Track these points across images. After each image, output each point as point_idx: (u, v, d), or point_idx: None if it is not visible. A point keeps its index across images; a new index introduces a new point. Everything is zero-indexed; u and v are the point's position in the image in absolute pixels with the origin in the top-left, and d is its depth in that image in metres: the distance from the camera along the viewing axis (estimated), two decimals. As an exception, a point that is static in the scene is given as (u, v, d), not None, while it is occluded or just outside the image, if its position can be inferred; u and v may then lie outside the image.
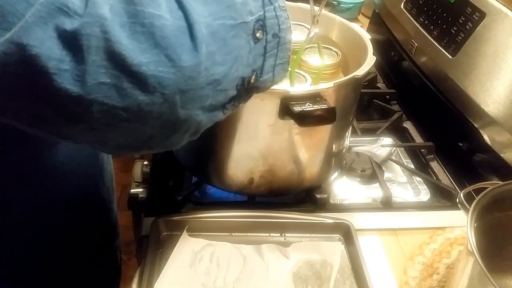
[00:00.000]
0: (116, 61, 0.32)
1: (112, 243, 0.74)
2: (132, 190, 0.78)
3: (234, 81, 0.40)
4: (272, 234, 0.69)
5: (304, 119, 0.59)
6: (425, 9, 0.97)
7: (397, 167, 0.88)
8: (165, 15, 0.33)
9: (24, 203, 0.57)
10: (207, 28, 0.35)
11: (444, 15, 0.91)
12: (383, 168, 0.88)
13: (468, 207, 0.55)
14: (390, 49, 1.13)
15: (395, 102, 1.05)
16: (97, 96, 0.33)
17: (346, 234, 0.68)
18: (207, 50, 0.35)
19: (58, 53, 0.31)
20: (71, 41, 0.31)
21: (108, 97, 0.33)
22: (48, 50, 0.31)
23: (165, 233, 0.68)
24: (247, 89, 0.42)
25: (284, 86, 0.65)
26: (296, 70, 0.70)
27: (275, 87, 0.65)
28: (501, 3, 0.78)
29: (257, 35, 0.40)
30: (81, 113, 0.34)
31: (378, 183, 0.81)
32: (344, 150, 0.78)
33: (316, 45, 0.74)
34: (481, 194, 0.56)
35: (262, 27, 0.40)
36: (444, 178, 0.84)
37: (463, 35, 0.84)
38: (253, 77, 0.42)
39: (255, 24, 0.40)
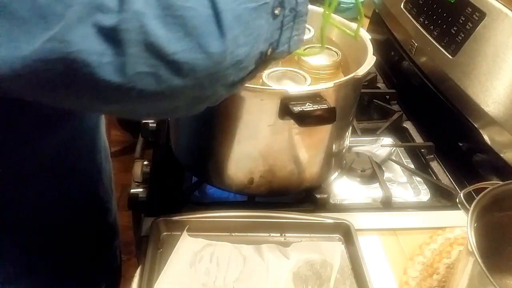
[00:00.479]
0: (154, 51, 0.35)
1: (111, 243, 0.74)
2: (132, 190, 0.78)
3: (254, 58, 0.43)
4: (272, 234, 0.69)
5: (304, 119, 0.59)
6: (425, 9, 0.97)
7: (397, 167, 0.88)
8: (194, 6, 0.36)
9: (24, 203, 0.57)
10: (232, 13, 0.38)
11: (444, 15, 0.91)
12: (383, 168, 0.88)
13: (468, 207, 0.55)
14: (390, 49, 1.13)
15: (395, 102, 1.05)
16: (136, 84, 0.36)
17: (346, 234, 0.68)
18: (232, 35, 0.38)
19: (98, 48, 0.34)
20: (111, 36, 0.34)
21: (146, 84, 0.37)
22: (89, 46, 0.34)
23: (165, 233, 0.68)
24: (264, 61, 0.45)
25: (284, 86, 0.66)
26: (296, 70, 0.70)
27: (275, 87, 0.65)
28: (501, 3, 0.78)
29: (275, 12, 0.43)
30: (119, 98, 0.38)
31: (378, 183, 0.81)
32: (344, 150, 0.78)
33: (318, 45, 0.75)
34: (481, 194, 0.56)
35: (280, 4, 0.43)
36: (444, 178, 0.84)
37: (463, 35, 0.84)
38: (270, 50, 0.44)
39: (274, 2, 0.42)
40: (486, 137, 0.79)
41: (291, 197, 0.77)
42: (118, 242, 0.77)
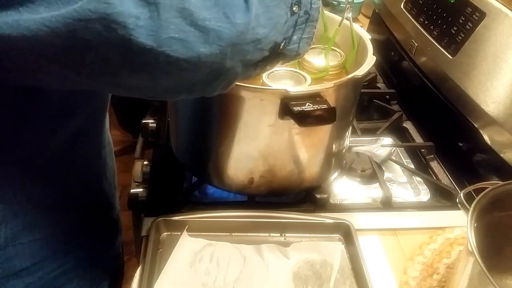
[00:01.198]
0: (186, 17, 0.38)
1: (114, 240, 0.74)
2: (132, 190, 0.78)
3: (270, 44, 0.46)
4: (272, 234, 0.69)
5: (304, 119, 0.59)
6: (425, 9, 0.97)
7: (397, 167, 0.88)
8: None
9: (30, 198, 0.57)
10: None
11: (444, 15, 0.91)
12: (383, 168, 0.88)
13: (468, 207, 0.55)
14: (390, 49, 1.13)
15: (395, 102, 1.05)
16: (166, 49, 0.39)
17: (346, 234, 0.68)
18: (255, 12, 0.42)
19: (135, 11, 0.37)
20: (148, 1, 0.37)
21: (174, 50, 0.39)
22: (127, 8, 0.36)
23: (165, 233, 0.68)
24: (276, 53, 0.48)
25: (284, 86, 0.66)
26: (296, 70, 0.70)
27: (275, 87, 0.65)
28: (501, 3, 0.78)
29: (294, 9, 0.47)
30: (147, 64, 0.40)
31: (378, 183, 0.81)
32: (344, 150, 0.78)
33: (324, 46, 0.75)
34: (481, 194, 0.56)
35: (298, 2, 0.47)
36: (444, 178, 0.84)
37: (463, 35, 0.84)
38: (282, 44, 0.48)
39: None
40: (486, 137, 0.79)
41: (291, 197, 0.77)
42: (121, 239, 0.77)
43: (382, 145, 0.93)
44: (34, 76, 0.43)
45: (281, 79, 0.68)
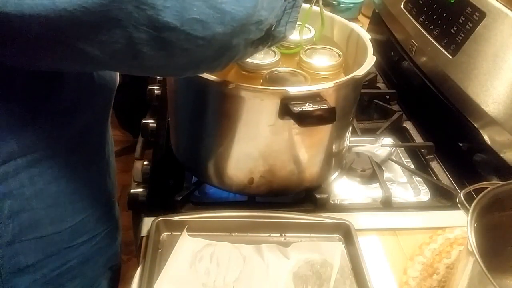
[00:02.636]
0: (206, 0, 0.43)
1: (115, 239, 0.75)
2: (132, 190, 0.78)
3: (267, 25, 0.51)
4: (272, 234, 0.69)
5: (304, 119, 0.59)
6: (425, 9, 0.97)
7: (397, 167, 0.88)
8: None
9: (37, 196, 0.57)
10: None
11: (444, 15, 0.91)
12: (383, 168, 0.88)
13: (468, 207, 0.55)
14: (390, 49, 1.13)
15: (395, 102, 1.05)
16: (187, 28, 0.43)
17: (346, 234, 0.68)
18: None
19: None
20: None
21: (194, 29, 0.44)
22: None
23: (165, 233, 0.68)
24: (268, 34, 0.53)
25: (284, 86, 0.66)
26: (296, 70, 0.70)
27: (275, 87, 0.65)
28: (501, 3, 0.78)
29: None
30: (169, 42, 0.44)
31: (378, 183, 0.81)
32: (344, 150, 0.78)
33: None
34: (481, 194, 0.56)
35: None
36: (444, 178, 0.84)
37: (463, 35, 0.84)
38: (274, 26, 0.53)
39: None
40: (486, 137, 0.79)
41: (291, 197, 0.77)
42: (120, 238, 0.77)
43: (382, 145, 0.93)
44: (56, 58, 0.46)
45: (281, 79, 0.68)
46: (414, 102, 1.03)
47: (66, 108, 0.57)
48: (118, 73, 0.68)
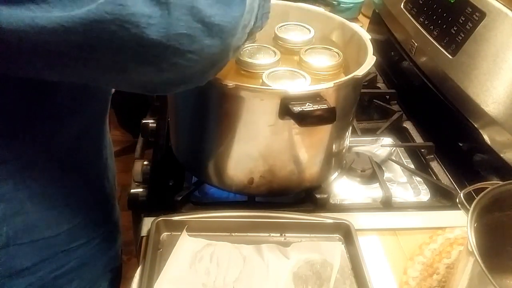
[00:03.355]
0: (194, 14, 0.42)
1: (115, 242, 0.74)
2: (132, 190, 0.78)
3: (250, 26, 0.51)
4: (272, 234, 0.69)
5: (304, 119, 0.59)
6: (425, 9, 0.97)
7: (397, 167, 0.88)
8: None
9: (32, 199, 0.57)
10: None
11: (444, 15, 0.91)
12: (383, 168, 0.88)
13: (468, 207, 0.55)
14: (390, 49, 1.13)
15: (395, 102, 1.05)
16: (173, 43, 0.42)
17: (346, 234, 0.68)
18: (247, 3, 0.47)
19: (147, 10, 0.40)
20: (159, 1, 0.40)
21: (182, 43, 0.43)
22: (141, 8, 0.39)
23: (165, 233, 0.68)
24: (249, 33, 0.52)
25: (284, 86, 0.66)
26: (296, 70, 0.70)
27: (275, 87, 0.65)
28: (501, 3, 0.78)
29: None
30: (155, 57, 0.43)
31: (378, 183, 0.81)
32: (344, 150, 0.78)
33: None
34: (481, 194, 0.56)
35: None
36: (444, 178, 0.84)
37: (463, 35, 0.84)
38: (253, 23, 0.52)
39: None
40: (486, 137, 0.79)
41: (291, 197, 0.77)
42: (120, 240, 0.77)
43: (382, 145, 0.93)
44: (38, 70, 0.45)
45: (281, 79, 0.68)
46: (414, 102, 1.03)
47: (61, 113, 0.56)
48: None
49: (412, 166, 0.88)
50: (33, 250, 0.59)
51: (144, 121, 0.92)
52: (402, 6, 1.05)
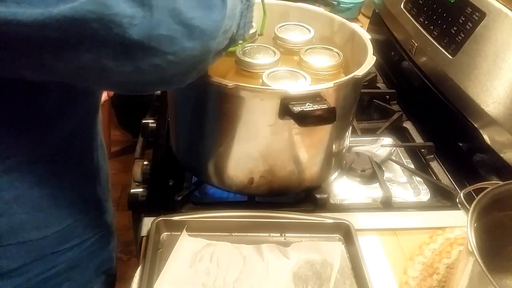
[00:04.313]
0: (175, 16, 0.43)
1: (108, 244, 0.74)
2: (132, 190, 0.78)
3: (231, 32, 0.51)
4: (272, 234, 0.69)
5: (304, 119, 0.59)
6: (425, 9, 0.97)
7: (397, 167, 0.88)
8: None
9: (19, 203, 0.57)
10: None
11: (444, 15, 0.91)
12: (383, 168, 0.88)
13: (468, 207, 0.55)
14: (390, 49, 1.13)
15: (395, 102, 1.05)
16: (154, 44, 0.43)
17: (346, 234, 0.68)
18: (228, 8, 0.47)
19: (130, 11, 0.41)
20: (143, 2, 0.41)
21: (162, 45, 0.43)
22: (123, 9, 0.40)
23: (165, 233, 0.68)
24: (231, 39, 0.53)
25: (284, 86, 0.66)
26: (296, 70, 0.70)
27: (275, 87, 0.65)
28: (501, 3, 0.78)
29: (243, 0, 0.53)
30: (135, 57, 0.44)
31: (378, 183, 0.81)
32: (344, 150, 0.78)
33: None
34: (481, 194, 0.56)
35: None
36: (444, 178, 0.84)
37: (463, 35, 0.84)
38: (235, 31, 0.53)
39: None
40: (486, 137, 0.79)
41: (291, 197, 0.77)
42: (115, 242, 0.77)
43: (382, 145, 0.93)
44: (19, 68, 0.45)
45: (281, 79, 0.68)
46: (414, 102, 1.03)
47: (49, 115, 0.56)
48: None
49: (412, 166, 0.88)
50: (19, 251, 0.58)
51: (144, 121, 0.92)
52: (402, 6, 1.06)
